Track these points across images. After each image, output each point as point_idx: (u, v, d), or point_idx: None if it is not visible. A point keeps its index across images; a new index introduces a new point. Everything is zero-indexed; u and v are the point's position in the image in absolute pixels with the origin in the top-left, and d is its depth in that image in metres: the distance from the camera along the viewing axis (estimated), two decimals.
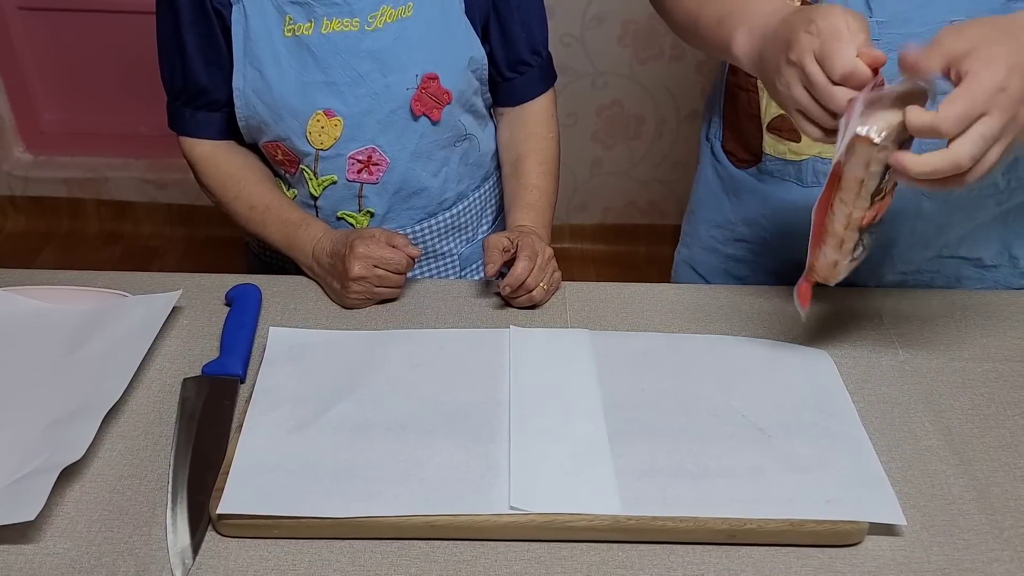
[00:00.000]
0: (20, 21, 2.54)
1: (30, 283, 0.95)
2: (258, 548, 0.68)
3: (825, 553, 0.68)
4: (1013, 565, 0.68)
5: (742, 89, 1.02)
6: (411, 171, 1.06)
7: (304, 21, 0.96)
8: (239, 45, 0.97)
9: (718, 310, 0.96)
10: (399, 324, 0.93)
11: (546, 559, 0.67)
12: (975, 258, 1.04)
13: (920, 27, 0.87)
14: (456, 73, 1.02)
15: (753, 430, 0.77)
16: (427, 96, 1.00)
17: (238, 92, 1.00)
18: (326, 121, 1.00)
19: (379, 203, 1.07)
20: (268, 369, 0.83)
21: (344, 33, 0.96)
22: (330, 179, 1.05)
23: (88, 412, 0.76)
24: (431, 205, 1.11)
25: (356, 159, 1.03)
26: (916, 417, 0.82)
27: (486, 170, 1.17)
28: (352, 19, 0.96)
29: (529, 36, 1.07)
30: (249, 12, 0.96)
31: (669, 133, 2.51)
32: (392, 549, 0.68)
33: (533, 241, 0.96)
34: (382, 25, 0.97)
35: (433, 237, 1.14)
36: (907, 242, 1.01)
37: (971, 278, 1.06)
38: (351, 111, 1.00)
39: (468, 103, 1.07)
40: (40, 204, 2.77)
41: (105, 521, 0.69)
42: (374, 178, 1.05)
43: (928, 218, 0.98)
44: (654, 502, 0.69)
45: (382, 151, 1.03)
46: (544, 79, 1.12)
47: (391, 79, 0.99)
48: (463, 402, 0.79)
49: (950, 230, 1.00)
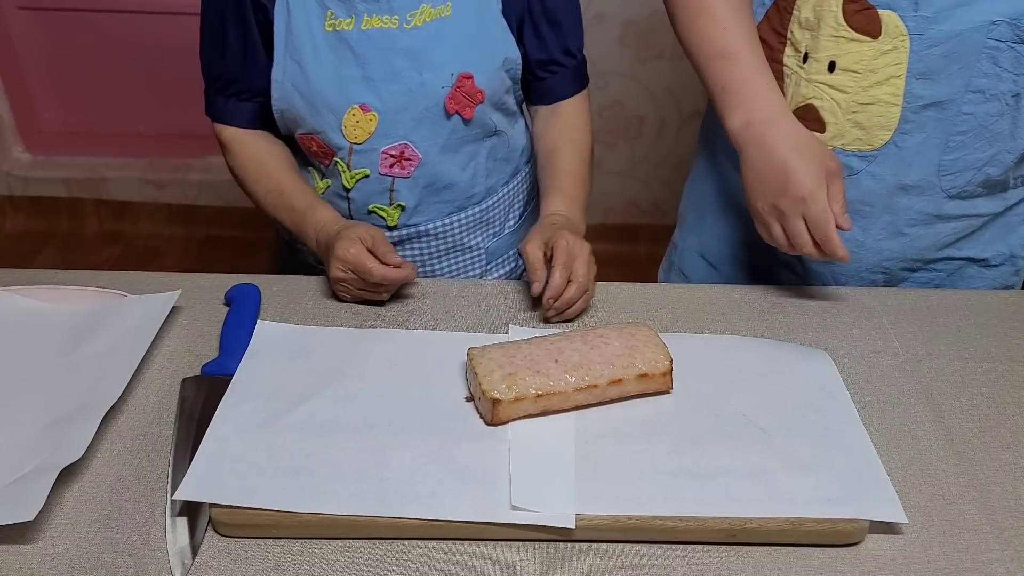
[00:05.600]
0: (20, 21, 2.54)
1: (30, 283, 0.95)
2: (257, 548, 0.68)
3: (825, 553, 0.68)
4: (1013, 565, 0.67)
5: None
6: (441, 165, 1.06)
7: (345, 16, 0.98)
8: (280, 38, 1.00)
9: (718, 309, 0.96)
10: (398, 324, 0.93)
11: (546, 559, 0.67)
12: (981, 259, 1.04)
13: (962, 25, 0.88)
14: (490, 73, 1.03)
15: (753, 429, 0.77)
16: (461, 95, 1.01)
17: (276, 84, 1.02)
18: (361, 116, 1.01)
19: (410, 197, 1.08)
20: (249, 361, 0.84)
21: (383, 30, 0.98)
22: (363, 172, 1.06)
23: (87, 412, 0.76)
24: (460, 199, 1.11)
25: (389, 154, 1.04)
26: (916, 417, 0.82)
27: (515, 165, 1.18)
28: (392, 16, 0.98)
29: (561, 37, 1.08)
30: (292, 6, 0.98)
31: (670, 133, 2.51)
32: (392, 549, 0.68)
33: (567, 244, 0.94)
34: (420, 23, 0.98)
35: (461, 231, 1.14)
36: (922, 237, 1.02)
37: (976, 277, 1.06)
38: (386, 107, 1.01)
39: (500, 102, 1.08)
40: (40, 204, 2.77)
41: (104, 521, 0.69)
42: (406, 172, 1.05)
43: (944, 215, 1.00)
44: (654, 502, 0.69)
45: (415, 147, 1.04)
46: (577, 80, 1.13)
47: (426, 77, 1.00)
48: (436, 404, 0.79)
49: (957, 222, 1.01)
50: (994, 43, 0.88)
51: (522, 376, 0.76)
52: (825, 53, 0.94)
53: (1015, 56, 0.89)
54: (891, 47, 0.91)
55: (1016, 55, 0.89)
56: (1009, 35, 0.88)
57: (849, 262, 0.96)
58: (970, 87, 0.91)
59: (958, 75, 0.90)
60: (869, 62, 0.92)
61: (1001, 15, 0.87)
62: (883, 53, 0.91)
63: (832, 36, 0.93)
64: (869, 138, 0.96)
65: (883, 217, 1.01)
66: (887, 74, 0.92)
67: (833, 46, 0.94)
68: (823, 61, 0.95)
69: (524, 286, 1.00)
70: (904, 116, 0.93)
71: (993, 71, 0.90)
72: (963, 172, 0.96)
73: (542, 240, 0.95)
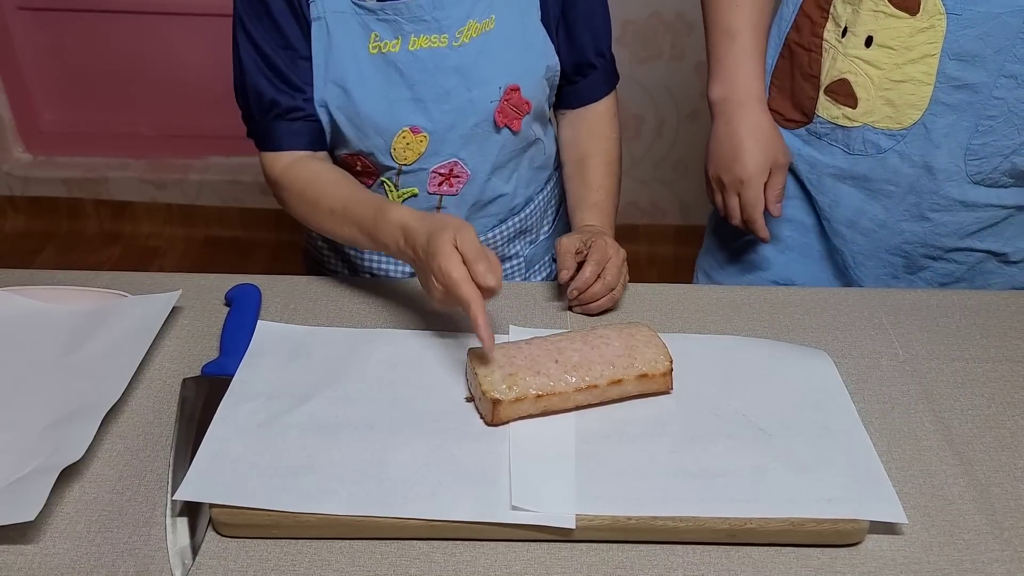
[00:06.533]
0: (20, 21, 2.54)
1: (30, 283, 0.95)
2: (257, 548, 0.68)
3: (825, 553, 0.68)
4: (1013, 565, 0.68)
5: (804, 49, 1.03)
6: (489, 182, 1.06)
7: (391, 38, 0.95)
8: (320, 62, 0.96)
9: (718, 310, 0.96)
10: (399, 324, 0.93)
11: (546, 559, 0.67)
12: (1002, 253, 1.04)
13: (999, 7, 0.89)
14: (536, 83, 1.02)
15: (753, 429, 0.77)
16: (509, 107, 1.01)
17: (321, 108, 0.98)
18: (412, 138, 0.99)
19: (456, 213, 1.07)
20: (250, 361, 0.84)
21: (431, 50, 0.96)
22: (411, 191, 1.05)
23: (88, 412, 0.76)
24: (503, 211, 1.11)
25: (438, 172, 1.03)
26: (916, 417, 0.82)
27: (548, 171, 1.17)
28: (441, 35, 0.95)
29: (595, 38, 1.07)
30: (332, 28, 0.95)
31: (669, 133, 2.51)
32: (392, 549, 0.68)
33: (605, 244, 0.95)
34: (468, 40, 0.96)
35: (503, 241, 1.14)
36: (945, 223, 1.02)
37: (995, 273, 1.06)
38: (436, 127, 0.99)
39: (540, 111, 1.07)
40: (40, 204, 2.77)
41: (105, 521, 0.69)
42: (454, 190, 1.05)
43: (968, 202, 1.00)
44: (654, 502, 0.69)
45: (463, 164, 1.03)
46: (608, 81, 1.12)
47: (475, 93, 0.98)
48: (436, 404, 0.79)
49: (981, 211, 1.01)
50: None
51: (522, 376, 0.76)
52: (864, 28, 0.96)
53: None
54: (928, 25, 0.91)
55: None
56: None
57: (865, 241, 1.04)
58: (1003, 72, 0.91)
59: (992, 59, 0.91)
60: (905, 39, 0.93)
61: None
62: (920, 31, 0.92)
63: (872, 11, 0.95)
64: (899, 116, 0.97)
65: (907, 198, 1.01)
66: (922, 52, 0.93)
67: (872, 21, 0.95)
68: (861, 36, 0.96)
69: (524, 287, 1.00)
70: (935, 96, 0.94)
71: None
72: (990, 158, 0.96)
73: (580, 238, 0.97)
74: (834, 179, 1.05)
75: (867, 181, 1.02)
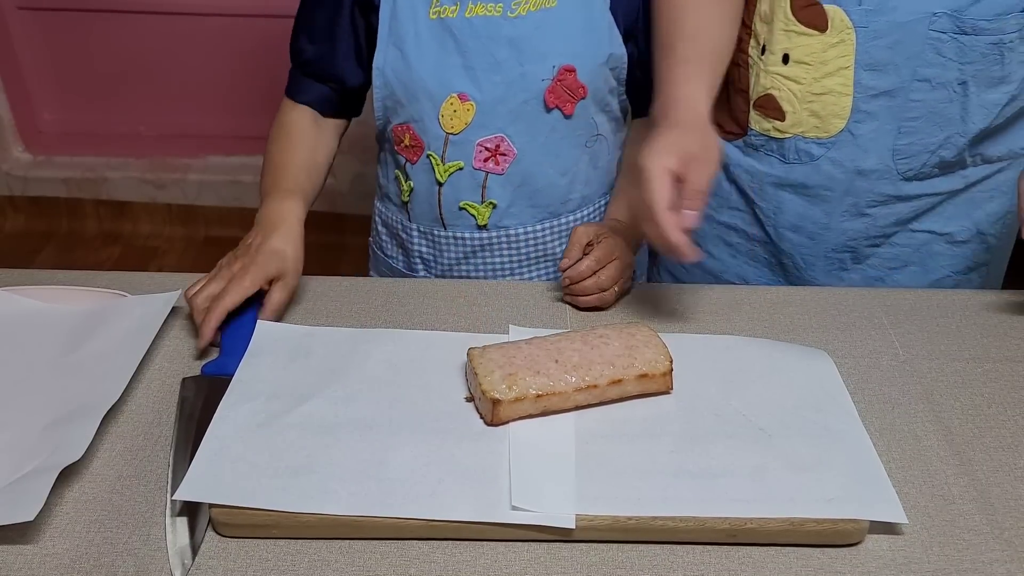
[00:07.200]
0: (20, 21, 2.54)
1: (30, 283, 0.95)
2: (257, 548, 0.68)
3: (825, 553, 0.68)
4: (1013, 565, 0.67)
5: (734, 64, 1.03)
6: (538, 165, 1.05)
7: (451, 3, 0.98)
8: (384, 25, 1.00)
9: (718, 309, 0.96)
10: (398, 324, 0.93)
11: (546, 559, 0.67)
12: (945, 233, 1.06)
13: (904, 16, 0.91)
14: (594, 68, 1.02)
15: (753, 429, 0.77)
16: (562, 88, 1.00)
17: (378, 71, 1.02)
18: (459, 105, 1.01)
19: (502, 195, 1.07)
20: (250, 361, 0.83)
21: (486, 18, 0.97)
22: (456, 165, 1.05)
23: (87, 412, 0.76)
24: (554, 204, 1.10)
25: (484, 146, 1.03)
26: (916, 417, 0.82)
27: (612, 178, 1.16)
28: (496, 4, 0.97)
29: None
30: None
31: None
32: (392, 549, 0.68)
33: (614, 245, 0.95)
34: (525, 12, 0.97)
35: (552, 238, 1.13)
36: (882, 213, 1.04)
37: (943, 254, 1.08)
38: (484, 97, 1.00)
39: (603, 102, 1.06)
40: (39, 204, 2.77)
41: (104, 521, 0.69)
42: (500, 168, 1.05)
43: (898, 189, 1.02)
44: (654, 502, 0.69)
45: (510, 141, 1.03)
46: None
47: (527, 68, 0.99)
48: (436, 404, 0.79)
49: (917, 200, 1.03)
50: (936, 34, 0.91)
51: (522, 376, 0.76)
52: (779, 46, 0.98)
53: (958, 46, 0.91)
54: (839, 40, 0.94)
55: (959, 45, 0.91)
56: (950, 26, 0.90)
57: (812, 243, 1.04)
58: (917, 76, 0.94)
59: (904, 65, 0.93)
60: (819, 54, 0.96)
61: (942, 7, 0.90)
62: (831, 46, 0.94)
63: (783, 30, 0.97)
64: (825, 126, 0.99)
65: (845, 200, 1.03)
66: (837, 65, 0.95)
67: (785, 39, 0.97)
68: (778, 53, 0.98)
69: (524, 286, 1.00)
70: (856, 105, 0.97)
71: (938, 61, 0.93)
72: (917, 156, 0.99)
73: (596, 230, 0.96)
74: (775, 187, 1.06)
75: (805, 188, 1.04)
